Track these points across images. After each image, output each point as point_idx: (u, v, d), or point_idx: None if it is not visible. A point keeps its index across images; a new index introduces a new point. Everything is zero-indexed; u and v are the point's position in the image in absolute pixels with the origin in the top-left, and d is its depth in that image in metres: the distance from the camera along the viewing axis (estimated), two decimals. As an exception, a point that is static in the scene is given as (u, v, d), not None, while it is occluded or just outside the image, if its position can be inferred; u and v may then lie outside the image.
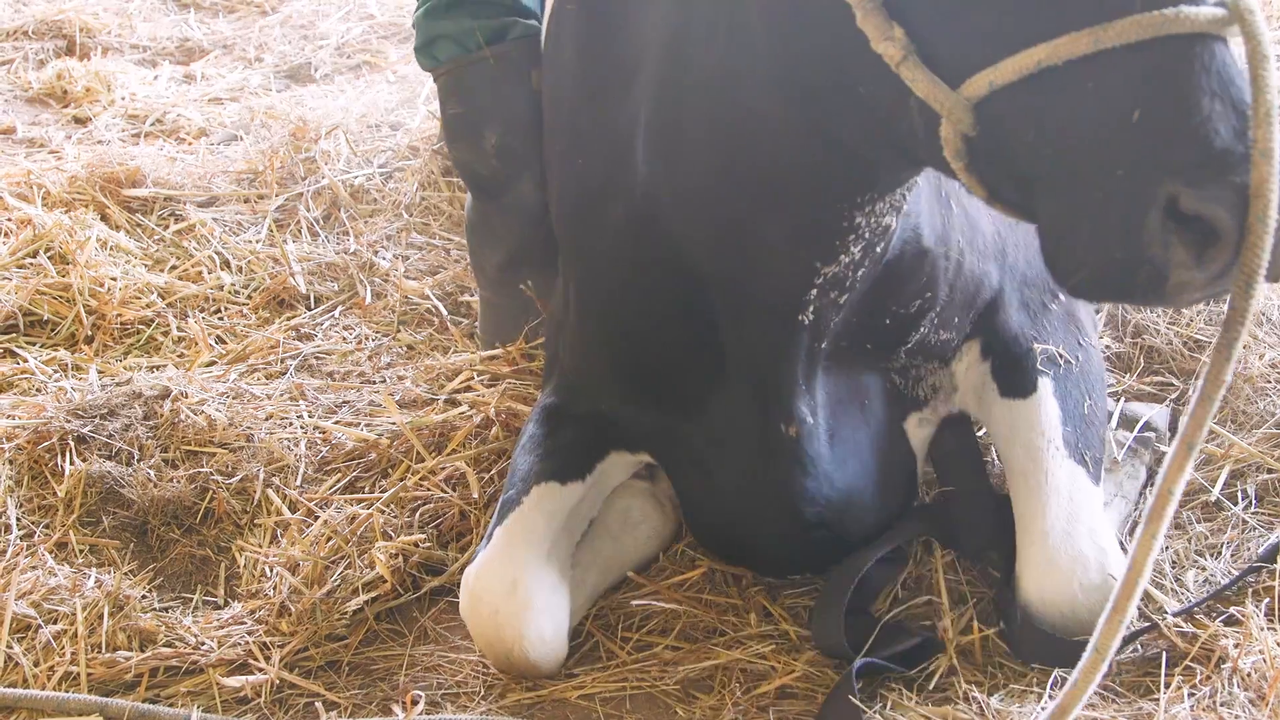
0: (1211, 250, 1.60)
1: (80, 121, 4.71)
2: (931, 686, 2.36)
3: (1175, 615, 2.38)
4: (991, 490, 2.60)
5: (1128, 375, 3.00)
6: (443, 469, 2.89)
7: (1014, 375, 2.56)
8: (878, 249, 2.26)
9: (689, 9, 2.18)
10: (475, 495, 2.82)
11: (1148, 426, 2.76)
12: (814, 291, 2.25)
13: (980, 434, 2.69)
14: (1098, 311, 3.00)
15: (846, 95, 1.92)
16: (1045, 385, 2.53)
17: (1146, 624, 2.36)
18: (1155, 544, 1.77)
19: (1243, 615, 2.36)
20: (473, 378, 3.18)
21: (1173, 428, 2.85)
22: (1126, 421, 2.76)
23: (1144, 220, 1.60)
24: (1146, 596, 2.44)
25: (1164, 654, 2.33)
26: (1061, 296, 2.66)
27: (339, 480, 2.92)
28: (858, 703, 2.26)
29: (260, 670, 2.49)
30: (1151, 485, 2.74)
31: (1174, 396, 2.92)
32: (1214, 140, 1.58)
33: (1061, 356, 2.57)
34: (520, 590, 2.38)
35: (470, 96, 3.12)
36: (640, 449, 2.64)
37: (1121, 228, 1.62)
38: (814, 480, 2.41)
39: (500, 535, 2.45)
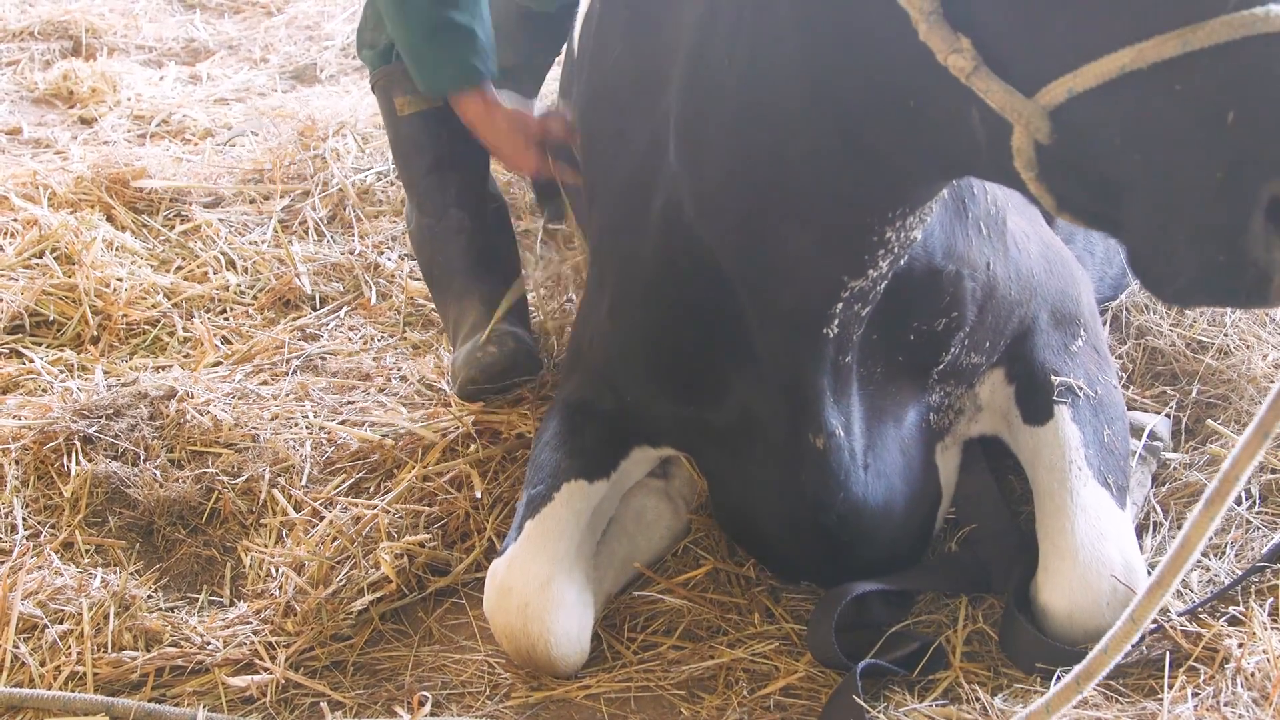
0: None
1: (86, 122, 4.73)
2: (936, 688, 2.36)
3: (1180, 615, 2.39)
4: (1018, 527, 2.60)
5: (1130, 383, 3.00)
6: (449, 470, 2.90)
7: (1035, 402, 2.56)
8: (901, 262, 2.25)
9: (713, 14, 2.18)
10: (479, 495, 2.82)
11: (1153, 436, 2.76)
12: (839, 305, 2.23)
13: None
14: (1102, 314, 3.00)
15: (892, 107, 1.89)
16: (1064, 412, 2.53)
17: (1151, 625, 2.36)
18: (1194, 551, 1.76)
19: (1246, 615, 2.36)
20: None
21: (1175, 437, 2.86)
22: (1132, 430, 2.76)
23: (1248, 222, 1.56)
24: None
25: (1168, 654, 2.33)
26: (1086, 330, 2.66)
27: (344, 480, 2.93)
28: (861, 702, 2.26)
29: (266, 670, 2.50)
30: (1155, 489, 2.75)
31: (1173, 405, 2.92)
32: None
33: (1081, 389, 2.56)
34: (552, 587, 2.38)
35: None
36: (664, 443, 2.65)
37: (1224, 231, 1.58)
38: (833, 493, 2.41)
39: (532, 530, 2.46)
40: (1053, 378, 2.56)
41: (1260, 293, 1.60)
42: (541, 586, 2.38)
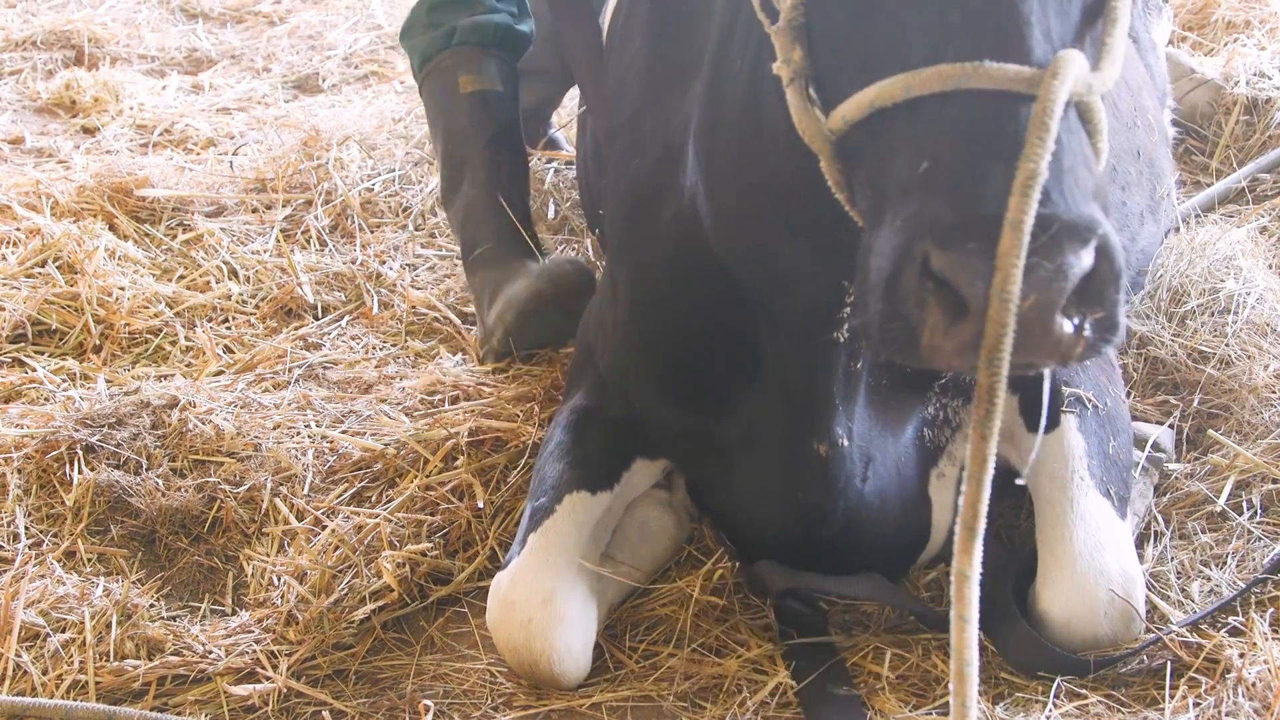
0: (962, 318, 1.54)
1: (88, 131, 4.73)
2: (935, 694, 2.36)
3: (1180, 626, 2.39)
4: (1012, 556, 2.58)
5: (1131, 393, 3.00)
6: (451, 480, 2.90)
7: (1039, 410, 2.55)
8: None
9: (734, 19, 2.19)
10: (481, 505, 2.82)
11: (1156, 447, 2.76)
12: (846, 310, 2.22)
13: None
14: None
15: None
16: (1070, 421, 2.52)
17: (1151, 637, 2.37)
18: (968, 627, 1.64)
19: (1247, 626, 2.37)
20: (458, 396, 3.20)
21: (1177, 447, 2.86)
22: (1135, 441, 2.76)
23: (902, 274, 1.56)
24: (1151, 607, 2.44)
25: (1169, 664, 2.33)
26: None
27: (346, 490, 2.93)
28: (840, 692, 2.28)
29: (268, 679, 2.50)
30: (1159, 497, 2.75)
31: (1176, 415, 2.92)
32: (977, 204, 1.52)
33: (1089, 400, 2.56)
34: (555, 602, 2.38)
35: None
36: (661, 454, 2.64)
37: (886, 279, 1.59)
38: (834, 502, 2.41)
39: (535, 543, 2.45)
40: (1063, 388, 2.56)
41: (909, 349, 1.60)
42: (544, 602, 2.38)
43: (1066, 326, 1.55)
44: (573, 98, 4.38)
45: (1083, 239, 1.53)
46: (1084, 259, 1.53)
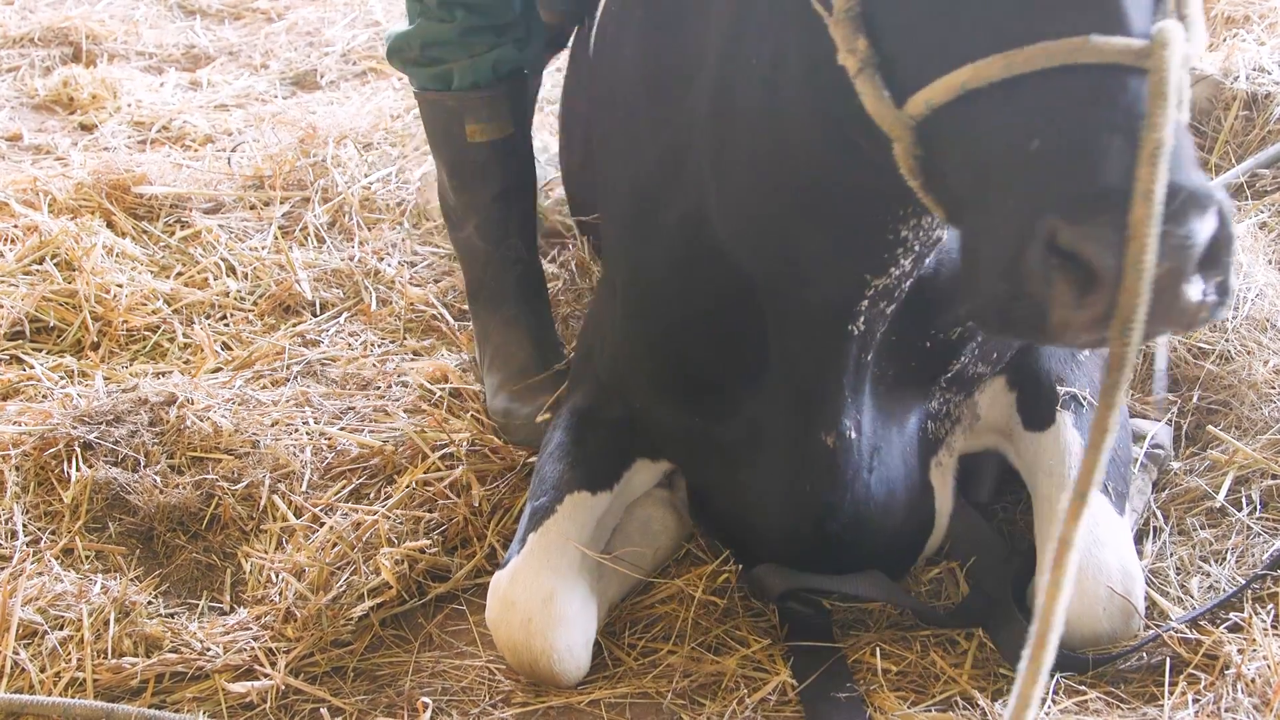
0: (1092, 292, 1.54)
1: (86, 128, 4.72)
2: (934, 691, 2.36)
3: (1179, 622, 2.39)
4: (1013, 553, 2.59)
5: (1130, 389, 3.00)
6: (450, 476, 2.89)
7: (1038, 408, 2.55)
8: (927, 260, 2.24)
9: (746, 12, 2.18)
10: (477, 504, 2.82)
11: (1155, 444, 2.76)
12: (864, 303, 2.22)
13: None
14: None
15: (848, 107, 1.88)
16: (1065, 418, 2.52)
17: (1151, 634, 2.36)
18: (1061, 593, 1.67)
19: (1246, 622, 2.36)
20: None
21: (1176, 443, 2.85)
22: (1134, 437, 2.76)
23: (1026, 253, 1.56)
24: (1150, 603, 2.44)
25: (1168, 661, 2.33)
26: None
27: (344, 486, 2.93)
28: (843, 696, 2.27)
29: (266, 676, 2.50)
30: (1158, 494, 2.75)
31: (1174, 411, 2.92)
32: (1101, 176, 1.52)
33: (1085, 396, 2.55)
34: (555, 601, 2.38)
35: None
36: (663, 455, 2.64)
37: (1008, 258, 1.58)
38: (842, 494, 2.41)
39: (535, 543, 2.45)
40: (1058, 385, 2.56)
41: (1038, 327, 1.59)
42: (544, 601, 2.38)
43: (1194, 293, 1.56)
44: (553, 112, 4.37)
45: (1204, 205, 1.53)
46: (1208, 225, 1.54)
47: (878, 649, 2.45)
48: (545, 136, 4.30)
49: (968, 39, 1.64)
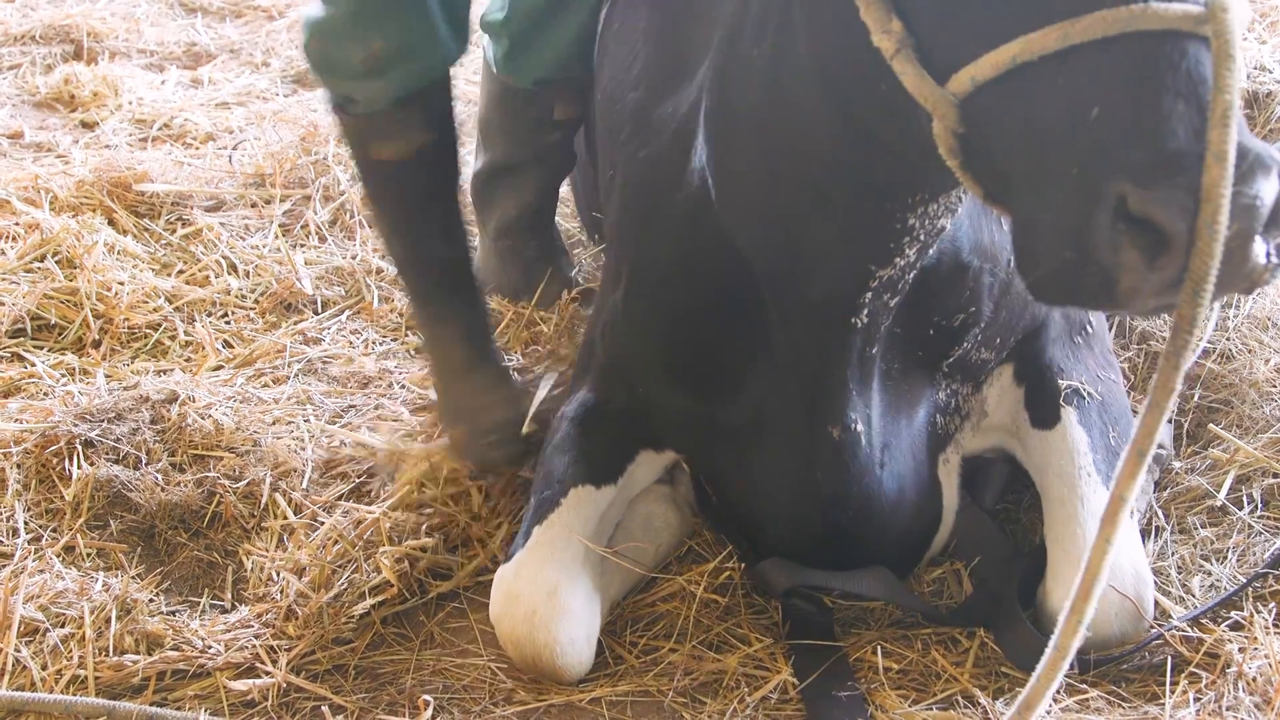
0: (1163, 255, 1.55)
1: (87, 126, 4.72)
2: (935, 689, 2.36)
3: (1180, 621, 2.38)
4: (1018, 553, 2.59)
5: (1133, 389, 3.00)
6: (451, 474, 2.90)
7: (1043, 404, 2.55)
8: (930, 251, 2.24)
9: (745, 6, 2.18)
10: (476, 509, 2.82)
11: (1157, 443, 2.75)
12: (868, 295, 2.22)
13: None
14: (1109, 318, 3.00)
15: (872, 92, 1.89)
16: (1070, 415, 2.52)
17: (1153, 633, 2.36)
18: (1109, 548, 1.73)
19: (1248, 620, 2.36)
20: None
21: (1177, 441, 2.85)
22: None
23: (1093, 220, 1.56)
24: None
25: (1169, 659, 2.33)
26: (1090, 328, 2.65)
27: (345, 485, 2.93)
28: (844, 695, 2.27)
29: (267, 674, 2.50)
30: (1160, 493, 2.75)
31: (1175, 410, 2.92)
32: (1168, 140, 1.53)
33: (1087, 390, 2.55)
34: (560, 595, 2.38)
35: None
36: (668, 446, 2.64)
37: (1073, 227, 1.59)
38: (848, 486, 2.41)
39: (540, 536, 2.45)
40: (1060, 379, 2.56)
41: (1107, 294, 1.60)
42: (549, 595, 2.38)
43: (1260, 254, 1.57)
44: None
45: (1269, 167, 1.54)
46: (1274, 186, 1.55)
47: (879, 647, 2.45)
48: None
49: (1016, 13, 1.64)
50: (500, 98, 3.36)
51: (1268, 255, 1.58)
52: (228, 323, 3.57)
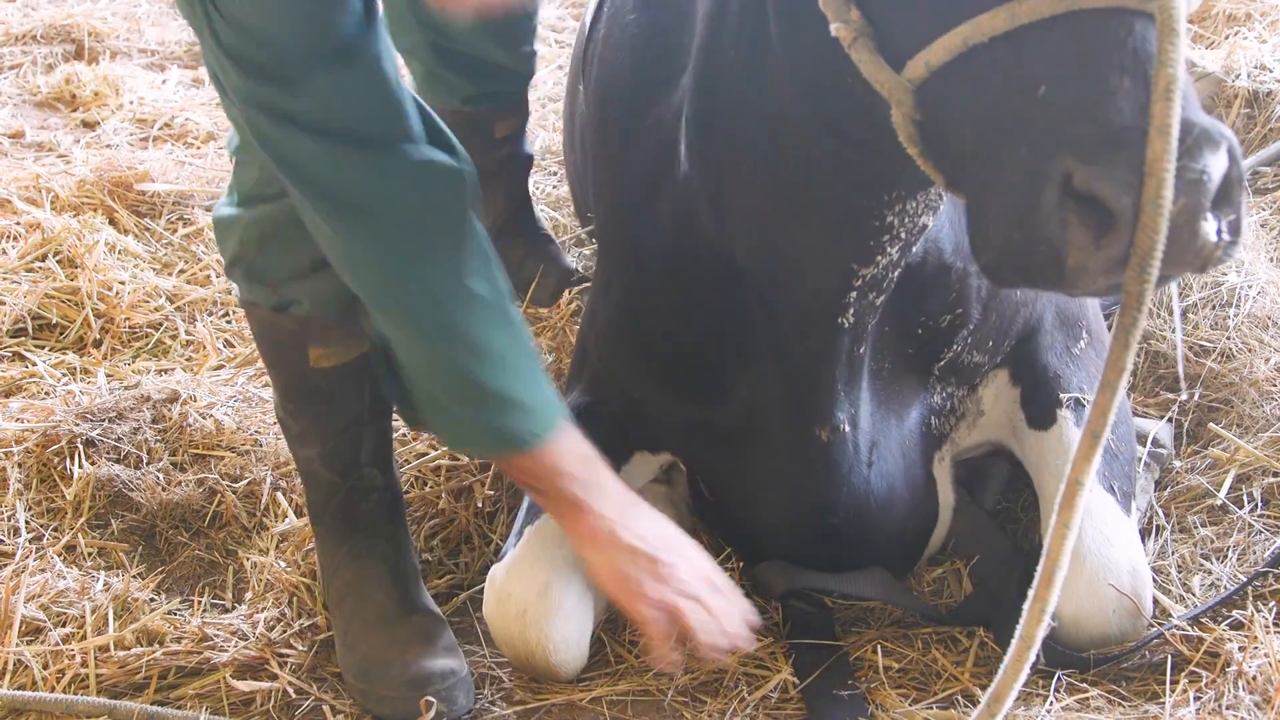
0: (1109, 232, 1.54)
1: (89, 125, 4.72)
2: (935, 688, 2.36)
3: (1180, 620, 2.39)
4: (1020, 549, 2.60)
5: (1132, 389, 3.00)
6: (452, 474, 2.90)
7: (1039, 405, 2.55)
8: (915, 249, 2.24)
9: (723, 10, 2.19)
10: (480, 504, 2.82)
11: (1156, 442, 2.76)
12: (853, 294, 2.22)
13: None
14: (1107, 317, 3.00)
15: (838, 85, 1.89)
16: (1067, 416, 2.52)
17: (1153, 632, 2.36)
18: (1069, 534, 1.73)
19: (1248, 619, 2.36)
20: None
21: (1177, 441, 2.85)
22: (1136, 435, 2.76)
23: (1040, 198, 1.56)
24: (1153, 600, 2.44)
25: (1169, 658, 2.33)
26: (1089, 333, 2.65)
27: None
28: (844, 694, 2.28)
29: (269, 674, 2.50)
30: (1160, 493, 2.75)
31: (1174, 409, 2.92)
32: (1113, 116, 1.53)
33: (1085, 400, 2.55)
34: (551, 593, 2.38)
35: None
36: (663, 448, 2.64)
37: (1021, 206, 1.59)
38: (838, 488, 2.41)
39: (532, 535, 2.45)
40: (1058, 383, 2.56)
41: (1055, 272, 1.59)
42: (540, 593, 2.38)
43: (1210, 231, 1.56)
44: (556, 111, 4.37)
45: (1216, 142, 1.54)
46: (1221, 161, 1.55)
47: (879, 646, 2.45)
48: (547, 135, 4.31)
49: None
50: None
51: (1218, 232, 1.57)
52: (229, 322, 3.57)
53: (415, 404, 2.34)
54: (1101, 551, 2.35)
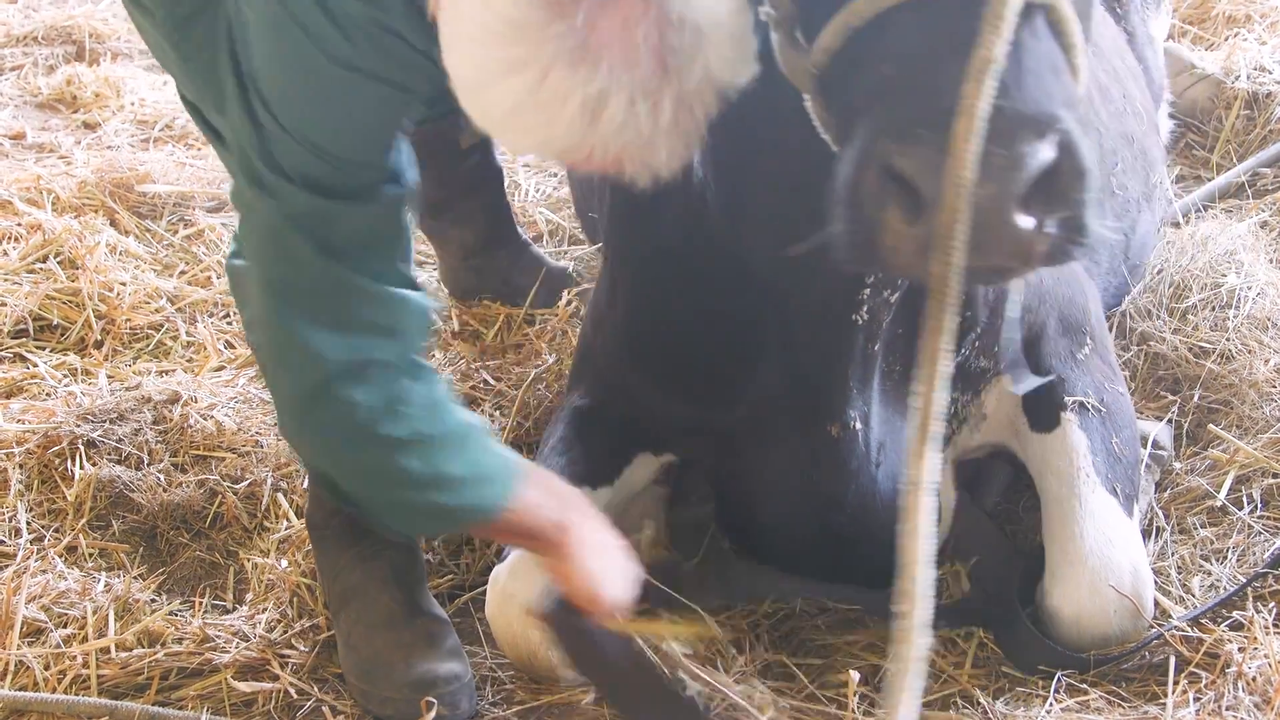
0: (922, 213, 1.54)
1: (90, 127, 4.72)
2: (934, 689, 2.36)
3: (1181, 620, 2.39)
4: (1019, 550, 2.60)
5: (1132, 390, 3.00)
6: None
7: (1042, 409, 2.56)
8: None
9: None
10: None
11: (1156, 444, 2.76)
12: (866, 291, 2.22)
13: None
14: (1107, 321, 3.00)
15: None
16: (1070, 419, 2.53)
17: (1153, 633, 2.36)
18: (917, 538, 1.71)
19: (1248, 620, 2.37)
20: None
21: (1177, 442, 2.86)
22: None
23: (862, 177, 1.57)
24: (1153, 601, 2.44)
25: (1171, 659, 2.33)
26: (1093, 339, 2.65)
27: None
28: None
29: (270, 675, 2.50)
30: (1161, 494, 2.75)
31: (1175, 411, 2.92)
32: (935, 98, 1.53)
33: (1090, 400, 2.55)
34: (552, 594, 2.38)
35: None
36: (666, 449, 2.64)
37: (849, 185, 1.60)
38: (846, 486, 2.41)
39: None
40: (1061, 388, 2.56)
41: (873, 252, 1.60)
42: (542, 594, 2.38)
43: (1025, 222, 1.54)
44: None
45: (1039, 131, 1.53)
46: (1042, 151, 1.53)
47: (873, 647, 2.45)
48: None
49: None
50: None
51: (1042, 227, 1.55)
52: (229, 323, 3.57)
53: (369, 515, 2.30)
54: (1103, 552, 2.35)
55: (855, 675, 2.25)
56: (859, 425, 2.38)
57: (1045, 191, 1.54)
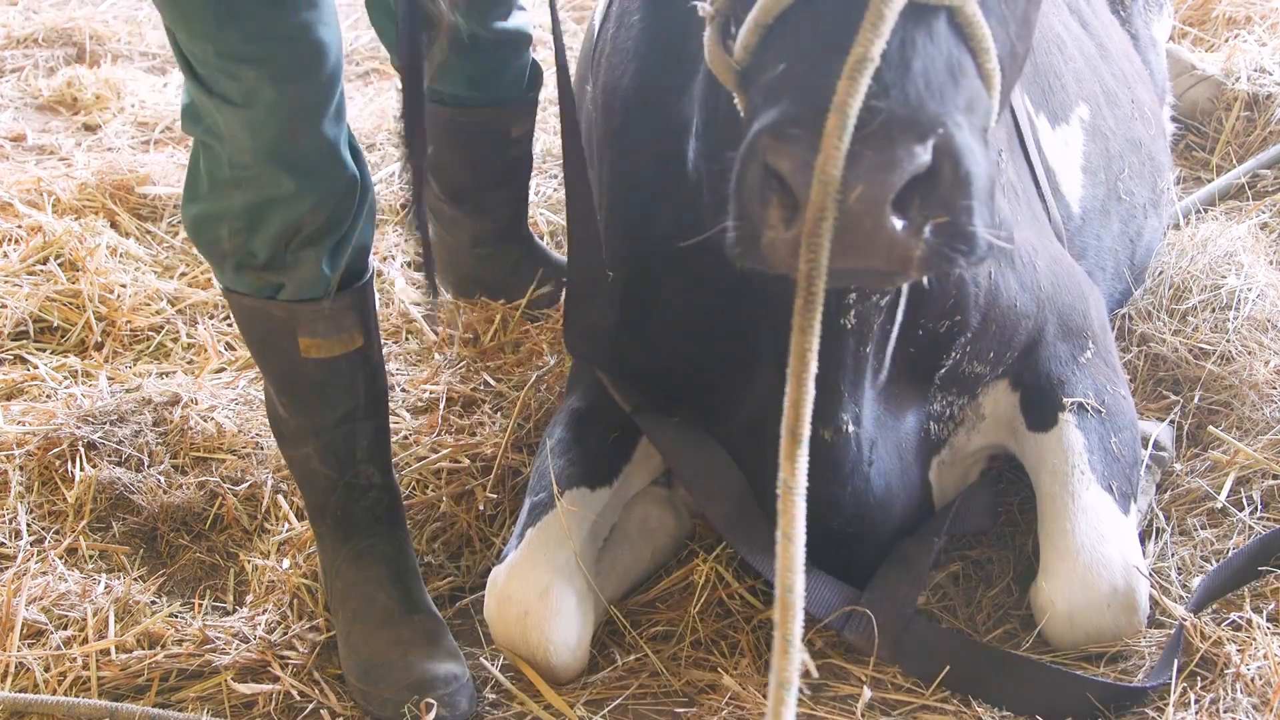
0: (796, 211, 1.53)
1: (90, 129, 4.73)
2: (931, 689, 2.37)
3: (1190, 610, 2.37)
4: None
5: (1133, 391, 3.00)
6: (453, 478, 2.90)
7: (1041, 409, 2.55)
8: None
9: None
10: (481, 507, 2.83)
11: (1157, 445, 2.76)
12: (852, 294, 2.20)
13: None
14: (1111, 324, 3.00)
15: None
16: (1068, 418, 2.53)
17: (1174, 636, 2.35)
18: (790, 543, 1.67)
19: (1246, 621, 2.37)
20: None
21: (1177, 443, 2.86)
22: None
23: (745, 174, 1.57)
24: (1153, 602, 2.44)
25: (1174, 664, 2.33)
26: (1095, 343, 2.65)
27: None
28: None
29: (270, 677, 2.50)
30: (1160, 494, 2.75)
31: (1176, 412, 2.92)
32: (814, 98, 1.52)
33: (1089, 399, 2.55)
34: (552, 595, 2.39)
35: None
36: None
37: (736, 183, 1.61)
38: (842, 488, 2.40)
39: (533, 537, 2.46)
40: (1061, 389, 2.56)
41: (754, 249, 1.61)
42: (541, 595, 2.39)
43: (898, 225, 1.53)
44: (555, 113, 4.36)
45: (917, 134, 1.52)
46: (918, 155, 1.52)
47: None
48: (547, 138, 4.31)
49: None
50: (449, 133, 3.28)
51: (918, 231, 1.54)
52: (230, 325, 3.57)
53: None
54: (1095, 547, 2.35)
55: (868, 693, 2.26)
56: (851, 428, 2.37)
57: (924, 197, 1.53)
